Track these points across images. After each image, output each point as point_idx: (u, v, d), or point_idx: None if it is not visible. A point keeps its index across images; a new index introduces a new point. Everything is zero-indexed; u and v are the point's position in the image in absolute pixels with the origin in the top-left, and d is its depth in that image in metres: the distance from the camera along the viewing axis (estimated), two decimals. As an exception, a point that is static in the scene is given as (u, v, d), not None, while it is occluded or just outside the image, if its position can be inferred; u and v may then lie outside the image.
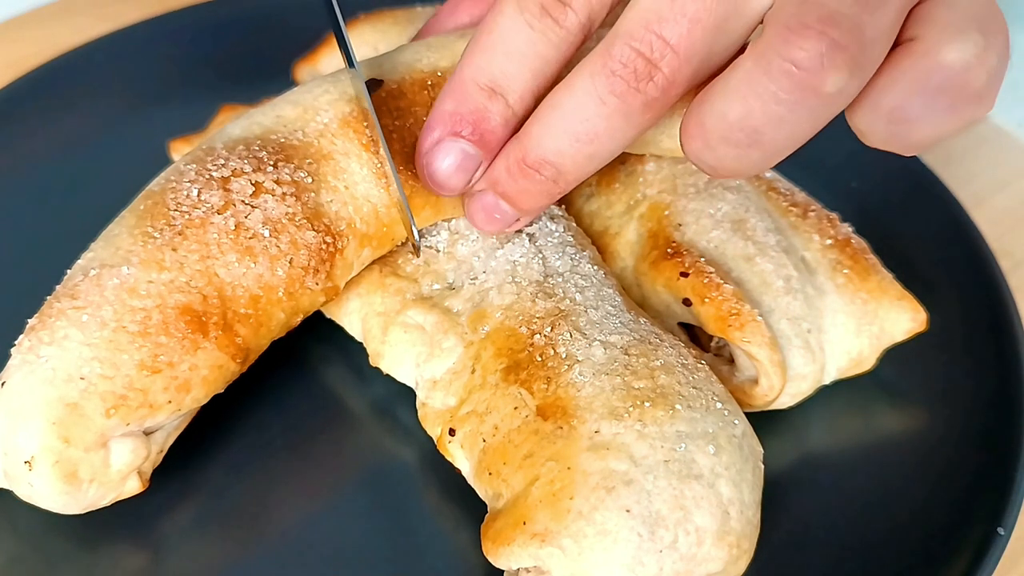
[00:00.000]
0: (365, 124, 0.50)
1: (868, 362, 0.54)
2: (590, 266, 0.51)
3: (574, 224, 0.55)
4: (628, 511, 0.41)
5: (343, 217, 0.49)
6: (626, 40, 0.40)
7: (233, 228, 0.46)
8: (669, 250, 0.53)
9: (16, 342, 0.45)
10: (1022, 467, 0.50)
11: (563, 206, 0.56)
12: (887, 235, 0.57)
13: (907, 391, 0.56)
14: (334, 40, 0.67)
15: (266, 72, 0.71)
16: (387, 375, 0.52)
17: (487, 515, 0.45)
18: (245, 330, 0.47)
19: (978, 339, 0.57)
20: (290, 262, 0.47)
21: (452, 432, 0.47)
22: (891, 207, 0.56)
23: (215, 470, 0.50)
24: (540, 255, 0.51)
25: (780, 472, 0.50)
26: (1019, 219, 0.69)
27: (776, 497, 0.47)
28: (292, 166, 0.48)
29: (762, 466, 0.46)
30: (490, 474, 0.45)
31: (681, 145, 0.42)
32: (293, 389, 0.54)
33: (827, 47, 0.36)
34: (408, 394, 0.51)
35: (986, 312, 0.58)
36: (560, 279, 0.50)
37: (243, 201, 0.46)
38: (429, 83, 0.50)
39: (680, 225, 0.54)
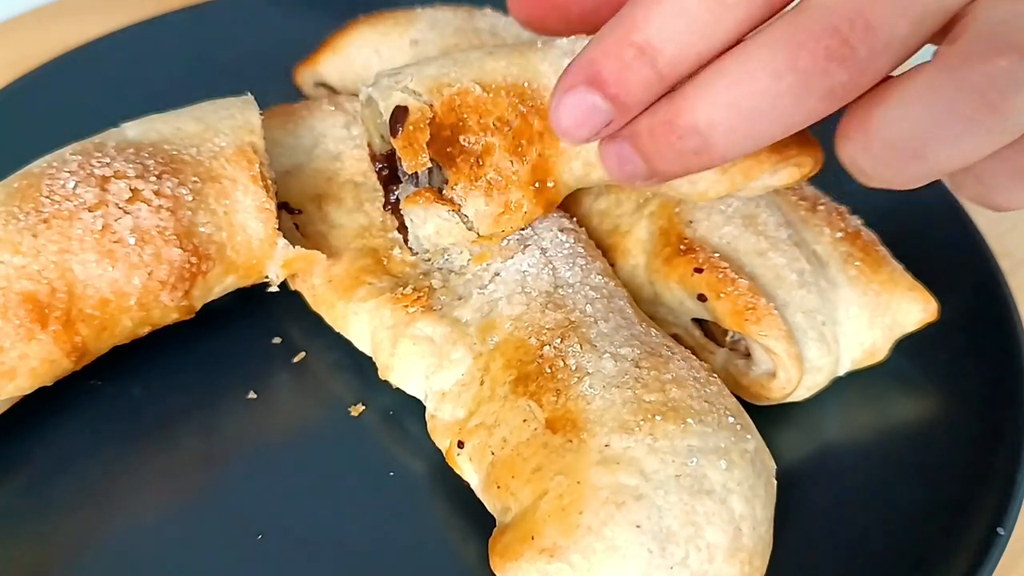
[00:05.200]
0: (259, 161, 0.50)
1: (881, 353, 0.54)
2: (600, 278, 0.50)
3: (584, 235, 0.54)
4: (638, 527, 0.41)
5: (215, 241, 0.49)
6: (823, 11, 0.35)
7: (100, 228, 0.46)
8: (682, 246, 0.52)
9: None
10: (1022, 467, 0.50)
11: (573, 217, 0.55)
12: (887, 235, 0.57)
13: (918, 383, 0.56)
14: (335, 43, 0.66)
15: (266, 73, 0.69)
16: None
17: (495, 529, 0.45)
18: (87, 330, 0.47)
19: (978, 340, 0.57)
20: (149, 274, 0.47)
21: (460, 444, 0.47)
22: (891, 208, 0.56)
23: (221, 479, 0.50)
24: (550, 266, 0.50)
25: (794, 464, 0.50)
26: (1019, 219, 0.68)
27: (785, 490, 0.47)
28: (176, 181, 0.48)
29: (775, 482, 0.46)
30: (498, 487, 0.45)
31: (836, 144, 0.38)
32: (302, 398, 0.53)
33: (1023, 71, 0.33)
34: (418, 404, 0.51)
35: (986, 313, 0.58)
36: (570, 290, 0.49)
37: (117, 204, 0.47)
38: (457, 103, 0.47)
39: (691, 222, 0.53)
